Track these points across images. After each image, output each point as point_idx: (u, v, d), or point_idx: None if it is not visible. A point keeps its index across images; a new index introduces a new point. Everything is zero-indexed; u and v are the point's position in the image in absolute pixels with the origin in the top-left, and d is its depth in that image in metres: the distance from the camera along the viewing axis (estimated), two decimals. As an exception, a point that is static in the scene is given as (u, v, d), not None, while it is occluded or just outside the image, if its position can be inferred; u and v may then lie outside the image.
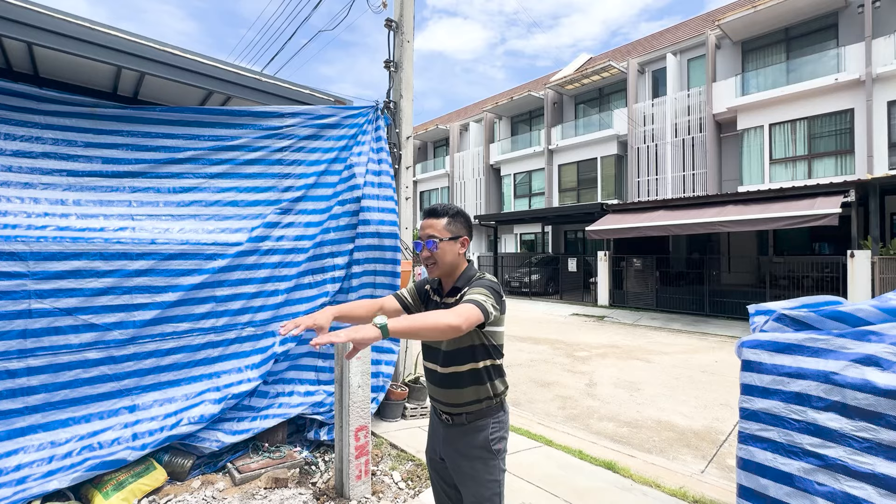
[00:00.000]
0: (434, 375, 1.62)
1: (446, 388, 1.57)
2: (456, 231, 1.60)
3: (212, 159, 3.23)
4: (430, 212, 1.62)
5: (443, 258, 1.57)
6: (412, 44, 4.26)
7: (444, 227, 1.58)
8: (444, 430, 1.61)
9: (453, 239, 1.58)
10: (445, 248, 1.57)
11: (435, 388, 1.63)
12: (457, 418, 1.56)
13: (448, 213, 1.60)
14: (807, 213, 7.71)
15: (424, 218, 1.62)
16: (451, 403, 1.56)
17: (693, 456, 3.52)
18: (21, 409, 2.42)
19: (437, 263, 1.57)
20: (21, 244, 2.43)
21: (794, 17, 12.96)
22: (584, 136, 17.65)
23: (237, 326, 3.19)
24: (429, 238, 1.57)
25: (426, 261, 1.59)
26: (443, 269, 1.58)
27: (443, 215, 1.60)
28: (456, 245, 1.59)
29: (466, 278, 1.59)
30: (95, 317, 2.64)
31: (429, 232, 1.58)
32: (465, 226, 1.64)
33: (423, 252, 1.59)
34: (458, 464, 1.56)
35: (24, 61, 3.05)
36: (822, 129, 12.31)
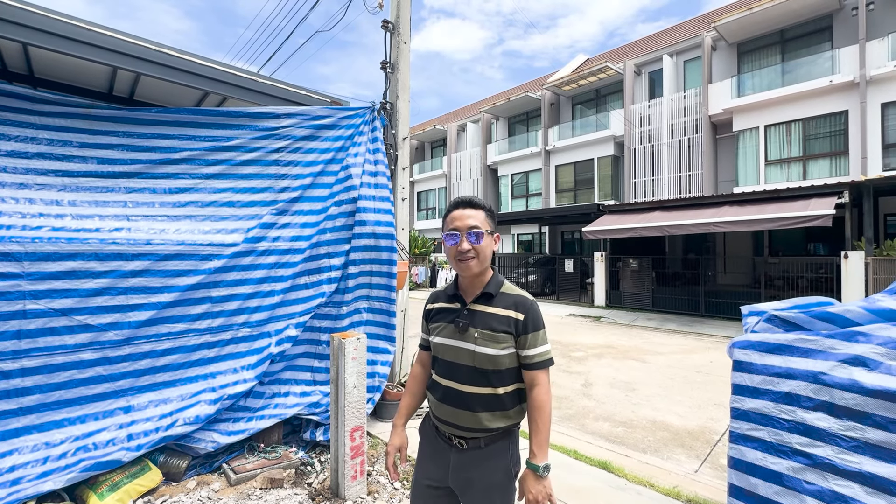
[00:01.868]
0: (450, 394, 1.43)
1: (468, 411, 1.40)
2: (492, 227, 1.47)
3: (208, 160, 3.23)
4: (466, 202, 1.46)
5: (484, 252, 1.42)
6: (409, 45, 4.27)
7: (485, 219, 1.44)
8: (455, 457, 1.44)
9: (491, 234, 1.45)
10: (487, 241, 1.43)
11: (448, 409, 1.44)
12: (472, 443, 1.42)
13: (485, 206, 1.47)
14: (801, 214, 7.76)
15: (460, 208, 1.46)
16: (470, 428, 1.40)
17: (687, 456, 3.55)
18: (15, 410, 2.42)
19: (477, 258, 1.41)
20: (16, 245, 2.43)
21: (790, 19, 13.05)
22: (581, 136, 17.70)
23: (233, 327, 3.19)
24: (471, 229, 1.41)
25: (463, 255, 1.41)
26: (483, 265, 1.43)
27: (481, 207, 1.46)
28: (492, 241, 1.47)
29: (497, 284, 1.47)
30: (91, 317, 2.64)
31: (469, 223, 1.41)
32: (495, 223, 1.52)
33: (459, 244, 1.41)
34: (471, 494, 1.41)
35: (20, 62, 3.05)
36: (817, 130, 12.40)
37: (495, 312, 1.42)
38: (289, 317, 3.42)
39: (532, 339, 1.39)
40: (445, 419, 1.45)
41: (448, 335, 1.46)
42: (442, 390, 1.46)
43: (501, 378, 1.40)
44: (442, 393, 1.46)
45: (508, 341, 1.39)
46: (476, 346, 1.39)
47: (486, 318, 1.42)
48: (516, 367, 1.42)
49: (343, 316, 3.64)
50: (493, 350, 1.38)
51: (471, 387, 1.40)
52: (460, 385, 1.42)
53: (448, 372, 1.45)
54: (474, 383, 1.40)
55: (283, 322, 3.39)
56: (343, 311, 3.64)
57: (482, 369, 1.39)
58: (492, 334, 1.39)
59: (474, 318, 1.42)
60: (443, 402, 1.46)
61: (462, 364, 1.42)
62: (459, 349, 1.43)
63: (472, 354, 1.40)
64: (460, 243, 1.41)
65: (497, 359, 1.38)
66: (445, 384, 1.45)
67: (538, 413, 1.38)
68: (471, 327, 1.41)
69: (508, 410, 1.42)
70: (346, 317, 3.65)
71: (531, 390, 1.41)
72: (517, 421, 1.46)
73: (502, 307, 1.42)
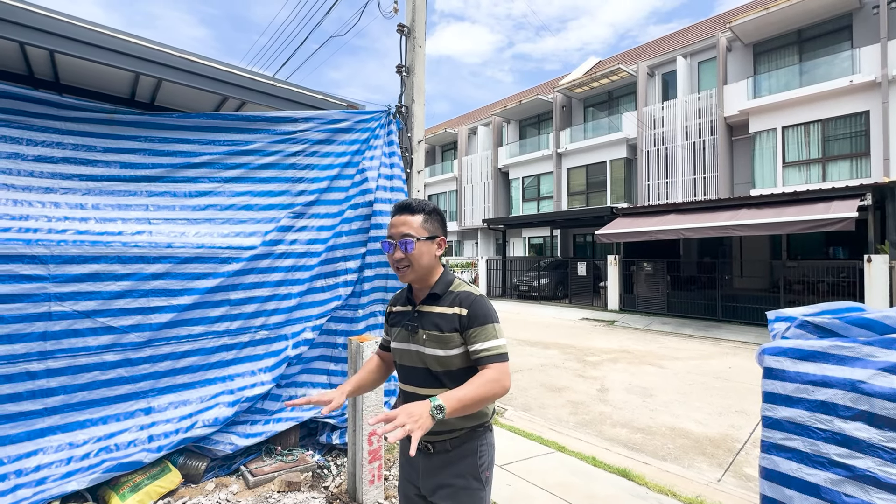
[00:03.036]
0: (410, 399, 1.42)
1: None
2: (433, 230, 1.42)
3: (227, 164, 3.26)
4: (403, 207, 1.43)
5: (419, 261, 1.38)
6: (424, 48, 4.28)
7: (420, 225, 1.40)
8: (423, 461, 1.42)
9: (430, 239, 1.41)
10: (422, 248, 1.39)
11: None
12: (439, 446, 1.38)
13: (424, 209, 1.42)
14: (822, 218, 7.59)
15: (396, 214, 1.43)
16: (436, 431, 1.36)
17: (709, 464, 3.47)
18: (40, 411, 2.45)
19: (411, 266, 1.39)
20: (42, 248, 2.47)
21: (807, 18, 12.82)
22: (594, 139, 17.58)
23: (250, 330, 3.21)
24: (403, 237, 1.37)
25: (398, 263, 1.40)
26: (418, 272, 1.40)
27: (418, 212, 1.41)
28: (433, 246, 1.42)
29: (445, 283, 1.43)
30: (113, 319, 2.68)
31: (402, 230, 1.38)
32: (442, 225, 1.47)
33: (394, 253, 1.39)
34: (440, 497, 1.38)
35: (46, 68, 3.12)
36: (837, 131, 12.14)
37: (441, 312, 1.38)
38: (305, 320, 3.43)
39: (477, 332, 1.32)
40: None
41: (402, 339, 1.45)
42: (404, 395, 1.46)
43: (454, 379, 1.34)
44: (404, 398, 1.45)
45: (455, 340, 1.34)
46: (424, 347, 1.37)
47: (432, 318, 1.38)
48: (466, 368, 1.35)
49: (359, 319, 3.64)
50: (441, 351, 1.35)
51: (427, 389, 1.37)
52: (417, 388, 1.40)
53: (406, 376, 1.45)
54: (429, 385, 1.37)
55: (300, 325, 3.40)
56: (359, 314, 3.64)
57: (433, 371, 1.37)
58: (438, 335, 1.35)
59: (423, 319, 1.40)
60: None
61: (416, 367, 1.41)
62: (412, 352, 1.41)
63: (422, 356, 1.38)
64: (393, 252, 1.39)
65: (445, 360, 1.34)
66: (406, 389, 1.45)
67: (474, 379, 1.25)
68: (420, 329, 1.39)
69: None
70: (362, 320, 3.65)
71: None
72: (482, 421, 1.40)
73: (448, 305, 1.38)
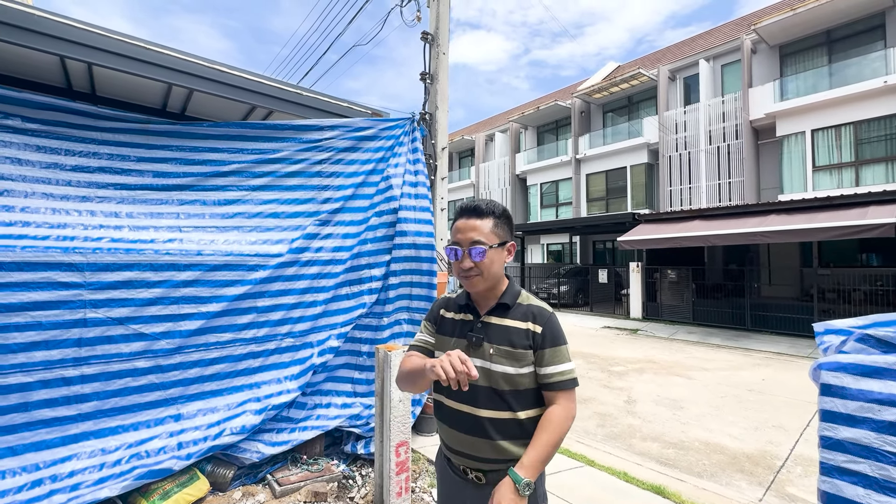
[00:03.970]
0: (463, 420, 1.25)
1: (485, 439, 1.22)
2: (503, 235, 1.30)
3: (254, 172, 3.29)
4: (471, 210, 1.29)
5: (489, 269, 1.26)
6: (447, 56, 4.27)
7: (490, 231, 1.27)
8: (472, 491, 1.26)
9: (501, 245, 1.28)
10: (493, 256, 1.26)
11: (462, 437, 1.26)
12: (492, 476, 1.23)
13: (494, 212, 1.29)
14: (859, 224, 7.27)
15: (463, 217, 1.29)
16: (488, 458, 1.23)
17: (748, 482, 3.30)
18: (74, 416, 2.48)
19: (482, 275, 1.25)
20: (78, 255, 2.52)
21: (837, 18, 12.45)
22: (613, 144, 17.35)
23: (277, 337, 3.21)
24: (473, 244, 1.24)
25: (467, 272, 1.26)
26: (488, 282, 1.27)
27: (488, 215, 1.28)
28: (503, 253, 1.30)
29: (514, 293, 1.32)
30: (145, 326, 2.71)
31: (472, 236, 1.25)
32: (511, 228, 1.34)
33: (461, 261, 1.26)
34: None
35: (84, 81, 3.21)
36: (871, 133, 11.69)
37: (512, 325, 1.26)
38: (330, 327, 3.42)
39: (551, 355, 1.23)
40: (458, 449, 1.28)
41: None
42: (453, 415, 1.29)
43: (521, 400, 1.23)
44: (453, 418, 1.28)
45: (527, 358, 1.23)
46: (492, 363, 1.24)
47: (502, 331, 1.26)
48: (538, 388, 1.25)
49: (383, 327, 3.61)
50: (511, 368, 1.22)
51: (487, 410, 1.23)
52: (474, 409, 1.24)
53: (461, 394, 1.25)
54: (491, 406, 1.23)
55: (325, 333, 3.39)
56: (384, 321, 3.61)
57: (499, 390, 1.23)
58: (509, 350, 1.23)
59: (489, 331, 1.28)
60: (454, 428, 1.28)
61: (476, 384, 1.23)
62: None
63: (488, 373, 1.24)
64: (462, 260, 1.27)
65: (515, 378, 1.22)
66: (456, 408, 1.28)
67: (546, 425, 1.18)
68: (485, 342, 1.26)
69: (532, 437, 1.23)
70: (387, 328, 3.62)
71: (549, 408, 1.23)
72: None
73: (519, 319, 1.27)
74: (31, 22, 2.46)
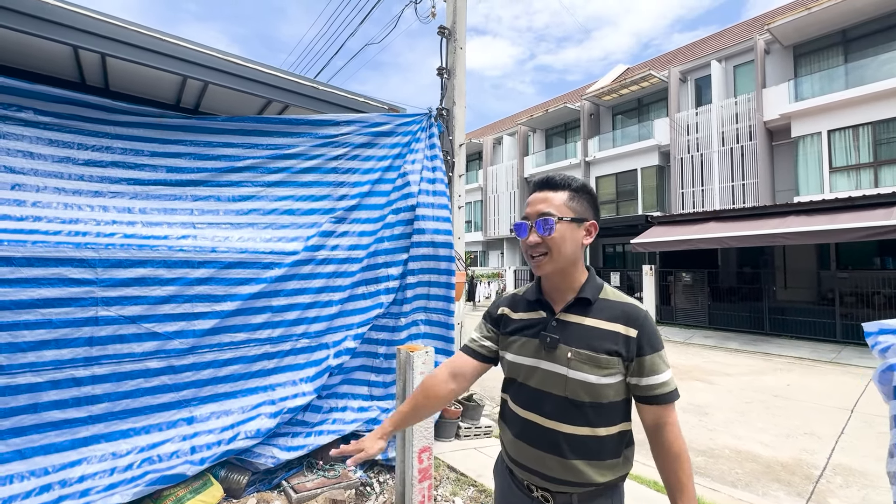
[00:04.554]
0: (531, 431, 1.10)
1: (557, 456, 1.06)
2: (581, 211, 1.11)
3: (269, 168, 3.20)
4: (543, 182, 1.14)
5: (560, 247, 1.07)
6: (465, 50, 4.18)
7: (564, 203, 1.09)
8: None
9: (577, 221, 1.09)
10: (565, 232, 1.07)
11: (529, 451, 1.11)
12: (561, 498, 1.08)
13: (570, 184, 1.12)
14: (885, 224, 7.06)
15: (535, 191, 1.14)
16: (559, 479, 1.07)
17: (786, 493, 3.13)
18: (85, 419, 2.38)
19: (549, 254, 1.07)
20: (90, 251, 2.43)
21: (853, 17, 12.23)
22: (623, 147, 17.18)
23: (292, 338, 3.10)
24: (541, 216, 1.08)
25: (532, 250, 1.09)
26: (558, 263, 1.09)
27: (563, 187, 1.11)
28: (579, 231, 1.10)
29: (595, 287, 1.13)
30: (158, 325, 2.61)
31: (540, 208, 1.09)
32: (593, 206, 1.15)
33: (528, 237, 1.10)
34: None
35: (97, 75, 3.14)
36: (890, 134, 11.43)
37: (596, 326, 1.08)
38: (347, 328, 3.31)
39: (651, 363, 1.05)
40: (524, 463, 1.12)
41: (530, 353, 1.14)
42: (520, 424, 1.14)
43: (603, 415, 1.06)
44: (520, 428, 1.14)
45: (615, 366, 1.05)
46: (569, 369, 1.06)
47: (583, 332, 1.08)
48: (624, 401, 1.09)
49: (401, 328, 3.49)
50: (593, 376, 1.04)
51: (561, 424, 1.07)
52: (546, 420, 1.08)
53: (530, 401, 1.12)
54: (566, 419, 1.06)
55: (342, 333, 3.28)
56: (401, 322, 3.49)
57: (577, 401, 1.06)
58: (591, 355, 1.05)
59: (566, 331, 1.10)
60: (521, 440, 1.13)
61: (549, 392, 1.09)
62: (548, 373, 1.10)
63: (564, 380, 1.07)
64: (527, 235, 1.10)
65: (598, 388, 1.05)
66: (525, 416, 1.13)
67: (678, 463, 1.04)
68: (562, 344, 1.09)
69: (614, 459, 1.08)
70: (404, 329, 3.50)
71: (658, 431, 1.06)
72: (624, 473, 1.12)
73: (606, 319, 1.08)
74: (45, 11, 2.40)
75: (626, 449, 1.12)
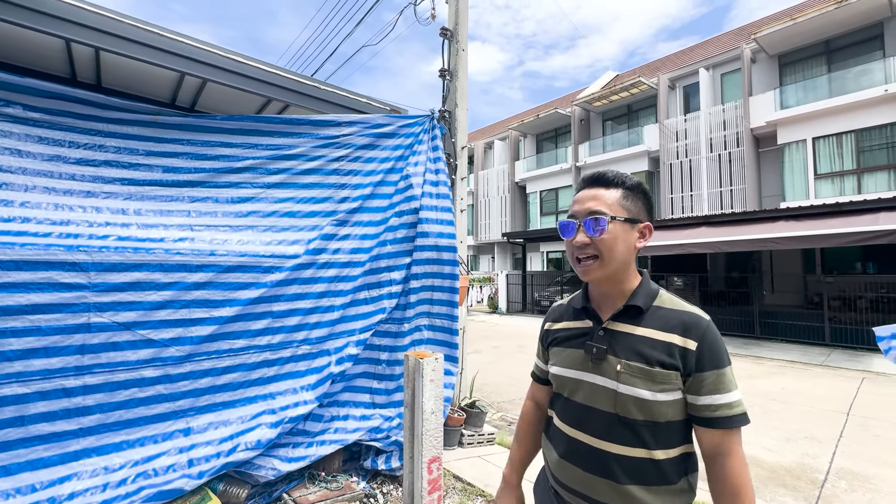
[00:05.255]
0: (578, 451, 1.01)
1: (607, 479, 0.96)
2: (635, 212, 1.01)
3: (269, 168, 3.10)
4: (594, 179, 1.05)
5: (611, 249, 0.98)
6: (467, 52, 4.14)
7: (616, 202, 1.00)
8: None
9: (630, 222, 1.00)
10: (617, 232, 0.98)
11: (576, 473, 1.01)
12: None
13: (624, 182, 1.03)
14: (873, 230, 7.20)
15: (585, 187, 1.05)
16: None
17: (794, 498, 3.11)
18: (76, 431, 2.25)
19: (600, 258, 0.98)
20: (83, 254, 2.31)
21: (836, 28, 12.59)
22: (613, 152, 17.37)
23: (293, 344, 3.00)
24: (591, 215, 0.98)
25: (579, 252, 1.00)
26: (608, 267, 0.99)
27: (615, 185, 1.02)
28: (632, 233, 1.01)
29: (648, 293, 1.03)
30: (153, 332, 2.49)
31: (590, 206, 0.99)
32: (647, 207, 1.06)
33: (575, 237, 1.00)
34: None
35: (89, 70, 3.02)
36: (872, 141, 11.75)
37: (648, 336, 0.97)
38: (349, 334, 3.21)
39: (713, 380, 0.93)
40: (571, 486, 1.02)
41: (575, 365, 1.05)
42: (566, 443, 1.04)
43: (661, 435, 0.95)
44: (565, 447, 1.04)
45: (671, 381, 0.94)
46: (619, 383, 0.97)
47: (633, 342, 0.98)
48: (685, 421, 0.97)
49: (404, 334, 3.41)
50: (647, 392, 0.94)
51: (611, 444, 0.97)
52: (594, 439, 0.99)
53: (577, 418, 1.03)
54: (616, 439, 0.96)
55: (343, 339, 3.18)
56: (404, 328, 3.41)
57: (628, 419, 0.95)
58: (644, 368, 0.95)
59: (615, 341, 1.00)
60: (567, 460, 1.03)
61: (597, 409, 0.99)
62: (594, 387, 1.01)
63: (613, 395, 0.97)
64: (574, 235, 1.00)
65: (652, 406, 0.94)
66: (571, 435, 1.03)
67: (734, 498, 0.90)
68: (609, 355, 0.99)
69: (673, 485, 0.95)
70: (407, 334, 3.42)
71: (716, 460, 0.94)
72: (688, 501, 0.99)
73: (660, 328, 0.98)
74: (37, 2, 2.28)
75: (690, 475, 1.00)
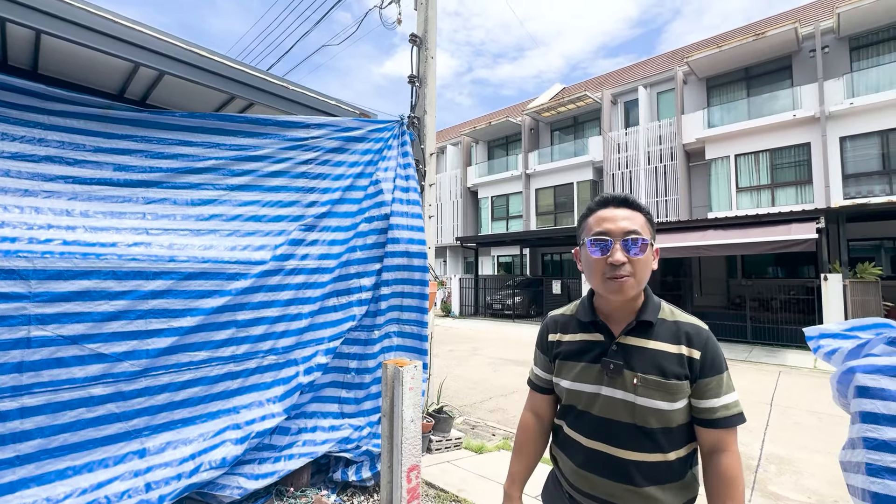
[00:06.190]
0: (598, 461, 1.08)
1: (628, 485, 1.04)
2: (652, 236, 1.09)
3: (233, 170, 2.95)
4: (620, 200, 1.09)
5: (645, 270, 1.05)
6: (435, 59, 4.18)
7: (645, 225, 1.07)
8: None
9: (652, 246, 1.08)
10: (649, 255, 1.06)
11: (597, 481, 1.08)
12: None
13: (643, 209, 1.10)
14: (789, 238, 8.11)
15: (610, 206, 1.09)
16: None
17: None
18: (11, 460, 2.00)
19: (635, 277, 1.03)
20: (23, 261, 2.07)
21: (754, 58, 14.04)
22: (561, 161, 18.16)
23: (258, 354, 2.86)
24: (629, 234, 1.03)
25: (615, 272, 1.03)
26: (640, 286, 1.07)
27: (640, 210, 1.09)
28: (652, 256, 1.09)
29: (654, 308, 1.10)
30: (104, 346, 2.27)
31: (625, 226, 1.03)
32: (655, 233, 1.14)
33: (612, 255, 1.03)
34: None
35: (25, 55, 2.71)
36: (783, 160, 13.21)
37: (661, 349, 1.05)
38: (317, 342, 3.12)
39: (714, 385, 1.04)
40: (592, 493, 1.09)
41: (590, 379, 1.11)
42: (583, 454, 1.11)
43: (673, 439, 1.05)
44: (584, 457, 1.10)
45: (684, 390, 1.03)
46: (637, 396, 1.04)
47: (648, 356, 1.05)
48: (689, 423, 1.07)
49: (374, 341, 3.36)
50: (663, 403, 1.02)
51: (631, 452, 1.04)
52: (615, 449, 1.06)
53: (595, 430, 1.09)
54: (636, 447, 1.04)
55: (312, 348, 3.08)
56: (374, 335, 3.36)
57: (647, 428, 1.03)
58: (660, 381, 1.03)
59: (629, 356, 1.07)
60: (587, 470, 1.09)
61: (616, 420, 1.06)
62: (612, 400, 1.07)
63: (631, 407, 1.04)
64: (612, 252, 1.02)
65: (668, 414, 1.03)
66: (588, 445, 1.10)
67: (731, 488, 1.01)
68: (626, 370, 1.06)
69: (683, 480, 1.06)
70: (377, 342, 3.37)
71: (715, 456, 1.04)
72: (695, 494, 1.11)
73: (670, 341, 1.06)
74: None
75: (694, 468, 1.11)
